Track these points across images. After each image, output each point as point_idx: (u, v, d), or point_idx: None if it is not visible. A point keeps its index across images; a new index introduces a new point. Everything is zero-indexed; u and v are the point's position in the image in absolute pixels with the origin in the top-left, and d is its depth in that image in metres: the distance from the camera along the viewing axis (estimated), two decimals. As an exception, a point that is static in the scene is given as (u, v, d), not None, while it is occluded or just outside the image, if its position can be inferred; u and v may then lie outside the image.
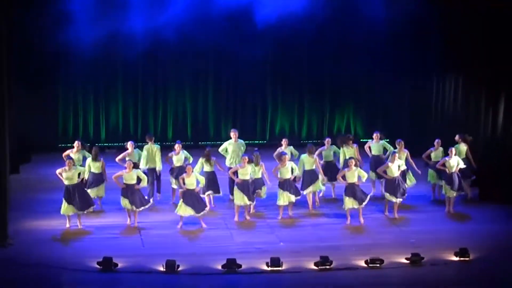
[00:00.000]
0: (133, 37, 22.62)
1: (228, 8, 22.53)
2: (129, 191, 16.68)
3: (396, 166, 17.60)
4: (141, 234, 16.44)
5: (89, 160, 17.92)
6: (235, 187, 17.32)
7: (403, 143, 18.74)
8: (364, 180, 17.31)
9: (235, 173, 17.41)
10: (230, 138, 18.96)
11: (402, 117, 24.91)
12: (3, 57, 15.61)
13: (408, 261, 15.13)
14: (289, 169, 17.37)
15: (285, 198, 17.39)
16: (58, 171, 16.65)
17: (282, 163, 17.36)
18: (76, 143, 18.32)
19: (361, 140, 24.62)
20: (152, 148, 18.47)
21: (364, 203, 17.13)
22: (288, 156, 17.73)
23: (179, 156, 18.26)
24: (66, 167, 16.49)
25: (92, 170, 17.82)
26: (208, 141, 24.14)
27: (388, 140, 19.70)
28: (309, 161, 18.03)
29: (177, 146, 18.32)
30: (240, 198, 17.22)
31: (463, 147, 19.07)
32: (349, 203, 17.07)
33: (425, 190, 19.45)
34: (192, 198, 16.58)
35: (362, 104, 25.60)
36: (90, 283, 14.00)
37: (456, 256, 15.38)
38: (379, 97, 25.36)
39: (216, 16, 23.14)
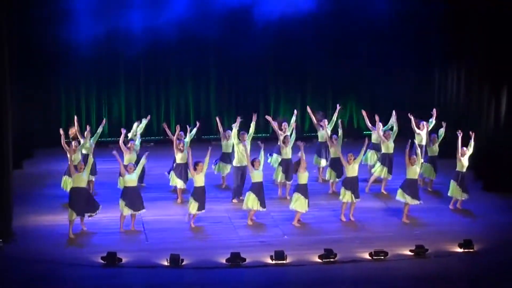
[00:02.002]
0: (135, 33, 22.61)
1: (231, 2, 22.49)
2: (128, 194, 16.27)
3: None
4: (145, 228, 16.43)
5: None
6: (249, 190, 16.73)
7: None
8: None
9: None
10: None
11: (404, 110, 24.83)
12: (5, 52, 15.60)
13: (412, 253, 15.14)
14: (307, 175, 16.82)
15: (302, 204, 16.64)
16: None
17: (302, 168, 16.69)
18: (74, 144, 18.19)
19: (364, 133, 24.57)
20: None
21: (358, 199, 17.07)
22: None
23: (183, 154, 18.13)
24: (80, 169, 15.96)
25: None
26: (211, 134, 24.10)
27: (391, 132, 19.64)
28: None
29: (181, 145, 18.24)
30: (252, 202, 16.63)
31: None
32: (347, 196, 16.94)
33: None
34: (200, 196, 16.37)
35: (365, 97, 25.52)
36: (94, 278, 13.99)
37: (461, 248, 15.38)
38: (382, 91, 25.31)
39: (219, 10, 23.11)
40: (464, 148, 17.73)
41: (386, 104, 25.20)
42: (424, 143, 19.26)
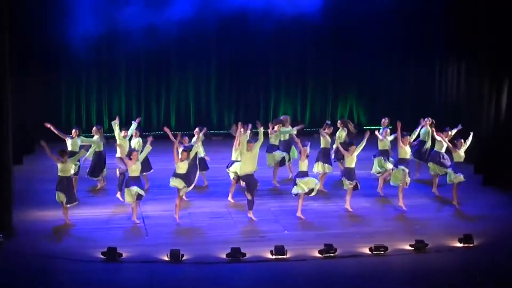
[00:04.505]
0: (136, 29, 22.58)
1: (231, -1, 22.58)
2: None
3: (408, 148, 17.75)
4: (145, 224, 16.43)
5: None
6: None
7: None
8: None
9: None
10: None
11: (404, 104, 24.88)
12: (5, 47, 15.56)
13: (412, 248, 15.14)
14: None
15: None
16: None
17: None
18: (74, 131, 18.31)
19: (364, 127, 24.57)
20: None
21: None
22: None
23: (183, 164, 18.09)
24: (62, 159, 16.19)
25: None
26: (211, 129, 24.10)
27: (391, 127, 19.63)
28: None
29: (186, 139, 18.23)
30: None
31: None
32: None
33: (428, 177, 19.38)
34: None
35: (365, 91, 25.57)
36: (94, 273, 14.00)
37: (460, 243, 15.39)
38: (382, 84, 25.34)
39: (219, 7, 23.09)
40: (462, 140, 17.74)
41: (387, 95, 25.32)
42: (444, 150, 18.55)
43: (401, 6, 23.64)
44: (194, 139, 18.00)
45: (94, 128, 18.73)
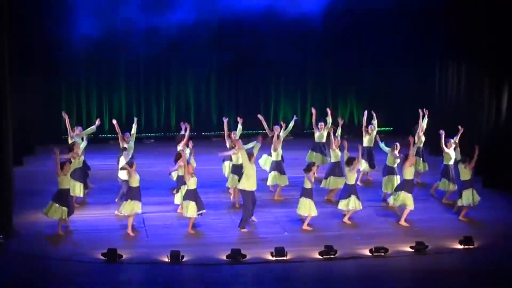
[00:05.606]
0: (136, 28, 22.63)
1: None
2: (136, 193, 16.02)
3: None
4: (146, 225, 16.42)
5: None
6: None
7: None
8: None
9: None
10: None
11: (405, 106, 24.88)
12: (5, 48, 15.56)
13: (412, 250, 15.13)
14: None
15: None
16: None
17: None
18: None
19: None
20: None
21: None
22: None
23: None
24: (62, 171, 15.54)
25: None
26: (211, 131, 24.11)
27: (391, 128, 19.66)
28: None
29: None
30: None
31: None
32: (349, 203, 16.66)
33: (429, 179, 19.37)
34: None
35: (365, 91, 25.57)
36: (94, 274, 14.00)
37: (461, 244, 15.38)
38: (382, 86, 25.34)
39: (219, 6, 23.11)
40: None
41: (387, 97, 25.33)
42: (452, 162, 18.11)
43: (401, 6, 23.65)
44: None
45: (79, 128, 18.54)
